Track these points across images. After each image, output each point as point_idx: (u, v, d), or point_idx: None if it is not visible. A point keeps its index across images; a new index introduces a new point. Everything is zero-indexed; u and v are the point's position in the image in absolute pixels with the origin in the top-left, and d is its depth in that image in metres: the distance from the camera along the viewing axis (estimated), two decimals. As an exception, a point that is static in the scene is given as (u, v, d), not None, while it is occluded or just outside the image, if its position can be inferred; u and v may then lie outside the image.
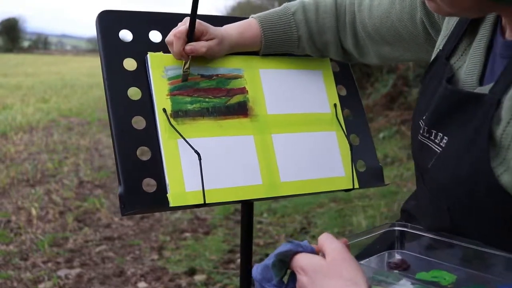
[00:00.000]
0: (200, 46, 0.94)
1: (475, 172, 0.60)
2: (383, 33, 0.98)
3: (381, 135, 5.62)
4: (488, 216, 0.61)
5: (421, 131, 0.75)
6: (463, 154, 0.63)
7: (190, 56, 0.94)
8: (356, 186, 1.04)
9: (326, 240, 0.61)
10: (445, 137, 0.68)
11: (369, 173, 1.07)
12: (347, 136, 1.06)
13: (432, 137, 0.71)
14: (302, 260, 0.61)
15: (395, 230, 0.74)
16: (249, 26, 1.02)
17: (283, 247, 0.64)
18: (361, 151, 1.08)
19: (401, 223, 0.74)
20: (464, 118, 0.64)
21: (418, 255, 0.69)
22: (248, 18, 1.06)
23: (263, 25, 1.02)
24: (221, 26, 1.02)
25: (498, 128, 0.60)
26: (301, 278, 0.61)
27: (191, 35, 0.92)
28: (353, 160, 1.05)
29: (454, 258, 0.63)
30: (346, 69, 1.14)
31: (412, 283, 0.55)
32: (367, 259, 0.73)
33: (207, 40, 0.95)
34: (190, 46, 0.93)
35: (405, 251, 0.73)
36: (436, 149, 0.71)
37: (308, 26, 1.03)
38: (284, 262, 0.63)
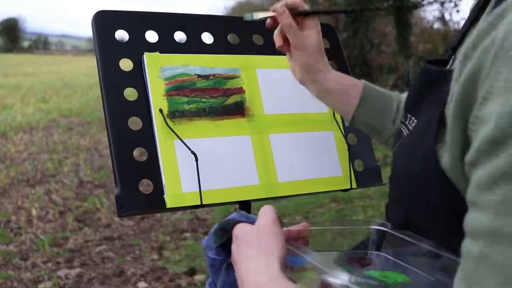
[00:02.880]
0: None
1: (425, 155, 0.56)
2: None
3: (381, 134, 5.62)
4: (439, 213, 0.56)
5: (400, 118, 0.72)
6: (421, 137, 0.59)
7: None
8: (354, 186, 1.04)
9: (262, 212, 0.63)
10: (415, 120, 0.64)
11: (367, 173, 1.06)
12: (345, 136, 1.06)
13: (407, 122, 0.66)
14: (237, 229, 0.63)
15: (371, 228, 0.70)
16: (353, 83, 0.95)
17: (229, 216, 0.65)
18: (359, 150, 1.07)
19: (382, 222, 0.70)
20: (433, 98, 0.59)
21: (391, 258, 0.64)
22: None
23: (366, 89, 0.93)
24: (221, 26, 1.02)
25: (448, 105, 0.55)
26: (233, 246, 0.63)
27: None
28: (351, 160, 1.04)
29: (423, 263, 0.58)
30: (344, 68, 1.13)
31: (355, 278, 0.53)
32: (340, 252, 0.70)
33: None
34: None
35: (381, 253, 0.68)
36: (405, 133, 0.67)
37: None
38: (225, 231, 0.64)
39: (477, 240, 0.42)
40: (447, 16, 7.94)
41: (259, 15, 0.90)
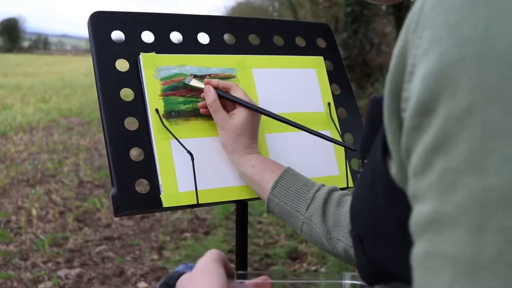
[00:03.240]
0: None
1: (373, 174, 0.46)
2: None
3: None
4: (393, 238, 0.44)
5: (358, 169, 0.58)
6: (369, 163, 0.49)
7: None
8: (351, 184, 1.04)
9: (204, 255, 0.58)
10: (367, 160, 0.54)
11: (363, 172, 1.07)
12: (341, 135, 1.06)
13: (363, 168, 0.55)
14: (179, 281, 0.58)
15: (343, 283, 0.63)
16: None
17: (176, 269, 0.61)
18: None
19: (354, 275, 0.63)
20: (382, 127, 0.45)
21: None
22: (248, 18, 1.06)
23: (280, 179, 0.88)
24: (217, 26, 1.03)
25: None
26: None
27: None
28: (348, 159, 1.05)
29: None
30: (340, 68, 1.13)
31: None
32: None
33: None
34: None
35: None
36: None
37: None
38: (169, 285, 0.59)
39: (421, 237, 0.33)
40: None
41: (194, 83, 0.95)
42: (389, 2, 0.64)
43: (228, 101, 0.93)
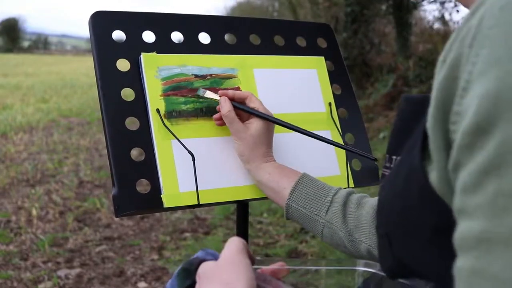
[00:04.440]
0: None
1: (409, 176, 0.47)
2: None
3: (381, 135, 5.62)
4: (424, 239, 0.46)
5: (384, 164, 0.61)
6: (405, 158, 0.50)
7: None
8: (352, 185, 1.04)
9: (227, 244, 0.58)
10: (399, 158, 0.54)
11: (364, 172, 1.07)
12: (342, 135, 1.06)
13: (391, 164, 0.58)
14: (200, 268, 0.57)
15: (357, 270, 0.64)
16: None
17: (194, 255, 0.60)
18: (357, 150, 1.07)
19: (367, 262, 0.64)
20: (416, 127, 0.48)
21: None
22: (249, 18, 1.06)
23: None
24: (218, 26, 1.03)
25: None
26: (196, 286, 0.57)
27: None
28: (348, 159, 1.05)
29: None
30: (341, 68, 1.13)
31: None
32: None
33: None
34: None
35: None
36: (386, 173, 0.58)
37: None
38: (189, 271, 0.58)
39: (468, 253, 0.34)
40: (447, 16, 7.94)
41: (209, 94, 0.94)
42: None
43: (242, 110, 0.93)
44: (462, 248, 0.35)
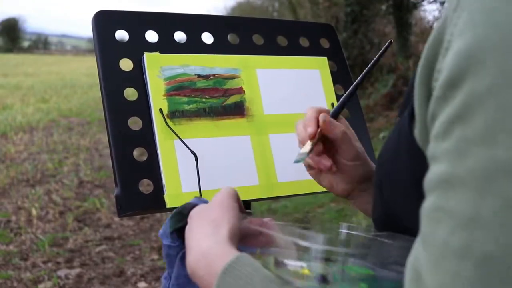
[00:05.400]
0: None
1: (401, 131, 0.52)
2: None
3: (381, 135, 5.62)
4: (406, 188, 0.51)
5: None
6: (402, 121, 0.54)
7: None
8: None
9: (220, 190, 0.62)
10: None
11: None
12: (345, 136, 1.05)
13: None
14: (193, 211, 0.61)
15: (341, 232, 0.65)
16: None
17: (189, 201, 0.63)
18: (359, 150, 1.07)
19: (350, 225, 0.64)
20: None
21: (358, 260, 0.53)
22: (251, 18, 1.05)
23: None
24: (221, 26, 1.02)
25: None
26: (187, 227, 0.60)
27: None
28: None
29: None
30: (344, 68, 1.13)
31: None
32: None
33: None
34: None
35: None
36: None
37: None
38: (182, 215, 0.62)
39: (432, 193, 0.38)
40: (447, 16, 7.94)
41: (306, 148, 0.74)
42: None
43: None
44: (428, 189, 0.39)
